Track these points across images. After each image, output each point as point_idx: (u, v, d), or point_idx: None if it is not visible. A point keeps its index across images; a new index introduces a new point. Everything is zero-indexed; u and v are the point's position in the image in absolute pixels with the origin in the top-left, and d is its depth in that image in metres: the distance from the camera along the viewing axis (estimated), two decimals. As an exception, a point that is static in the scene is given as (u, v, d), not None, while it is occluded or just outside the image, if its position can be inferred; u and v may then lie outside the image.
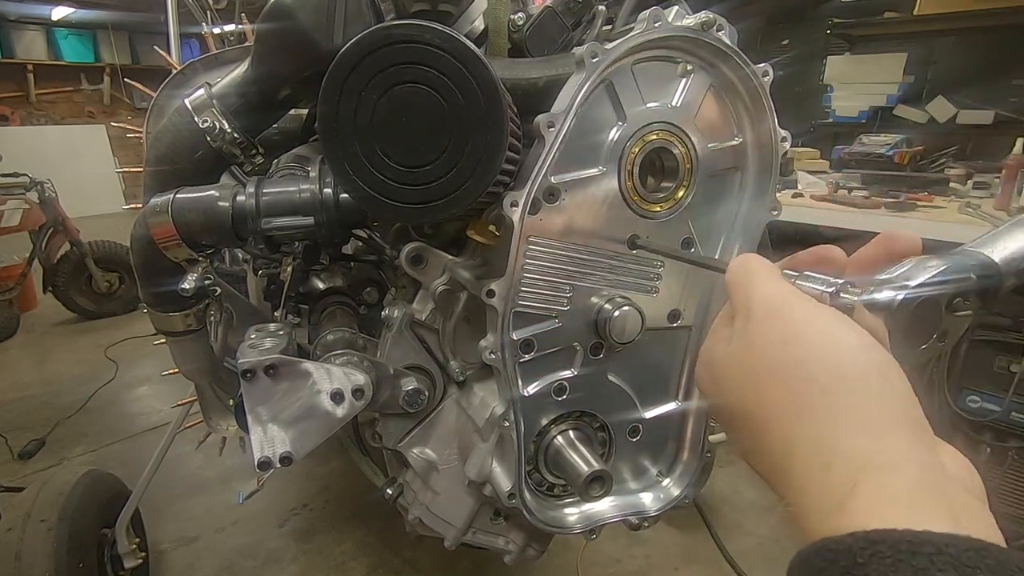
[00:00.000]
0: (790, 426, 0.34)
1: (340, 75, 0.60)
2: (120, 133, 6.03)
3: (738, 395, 0.39)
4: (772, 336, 0.37)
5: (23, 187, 3.51)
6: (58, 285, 3.80)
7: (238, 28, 1.71)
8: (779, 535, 1.90)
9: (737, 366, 0.39)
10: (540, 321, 0.74)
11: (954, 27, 2.83)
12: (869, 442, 0.32)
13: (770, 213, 0.78)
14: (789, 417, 0.35)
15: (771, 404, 0.36)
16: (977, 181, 2.40)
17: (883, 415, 0.32)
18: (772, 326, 0.37)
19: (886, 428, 0.32)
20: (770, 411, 0.36)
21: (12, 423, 2.66)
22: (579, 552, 1.82)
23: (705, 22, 0.68)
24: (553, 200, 0.69)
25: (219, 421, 1.21)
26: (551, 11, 0.79)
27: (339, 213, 0.79)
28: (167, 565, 1.83)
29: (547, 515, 0.83)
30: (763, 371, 0.37)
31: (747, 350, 0.38)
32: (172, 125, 0.83)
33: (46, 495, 1.41)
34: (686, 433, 0.88)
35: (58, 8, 7.00)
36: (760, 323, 0.38)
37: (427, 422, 0.90)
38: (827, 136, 3.22)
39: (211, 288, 0.85)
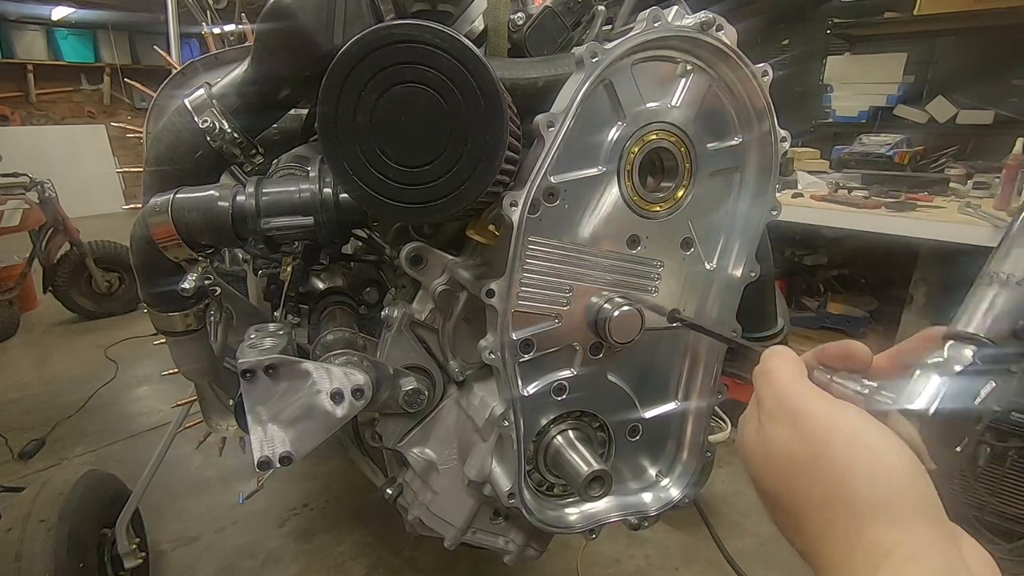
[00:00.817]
0: (820, 515, 0.37)
1: (340, 75, 0.60)
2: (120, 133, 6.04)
3: (772, 482, 0.42)
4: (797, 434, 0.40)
5: (23, 187, 3.51)
6: (58, 285, 3.80)
7: (238, 28, 1.71)
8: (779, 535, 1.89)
9: (768, 456, 0.42)
10: (540, 321, 0.74)
11: (954, 27, 2.83)
12: (892, 532, 0.34)
13: (770, 213, 0.78)
14: (819, 507, 0.38)
15: (803, 494, 0.39)
16: (977, 181, 2.41)
17: (905, 509, 0.35)
18: (802, 424, 0.40)
19: (908, 520, 0.35)
20: (803, 500, 0.39)
21: (12, 423, 2.66)
22: (579, 552, 1.82)
23: (704, 22, 0.68)
24: (553, 200, 0.69)
25: (219, 421, 1.21)
26: (551, 11, 0.79)
27: (339, 213, 0.80)
28: (167, 565, 1.83)
29: (547, 515, 0.83)
30: (796, 463, 0.40)
31: (775, 444, 0.42)
32: (172, 125, 0.83)
33: (46, 495, 1.41)
34: (686, 433, 0.88)
35: (58, 8, 7.00)
36: (787, 422, 0.41)
37: (427, 422, 0.90)
38: (827, 136, 3.22)
39: (211, 288, 0.85)
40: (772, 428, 0.42)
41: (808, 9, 3.45)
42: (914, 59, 2.95)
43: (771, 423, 0.42)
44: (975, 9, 2.61)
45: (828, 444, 0.38)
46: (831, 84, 3.17)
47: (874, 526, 0.35)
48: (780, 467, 0.41)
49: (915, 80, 3.01)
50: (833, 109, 3.17)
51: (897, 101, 3.01)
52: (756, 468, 0.43)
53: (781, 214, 0.78)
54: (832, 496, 0.37)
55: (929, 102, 2.91)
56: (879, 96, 3.03)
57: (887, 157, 2.70)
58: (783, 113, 0.74)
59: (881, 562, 0.34)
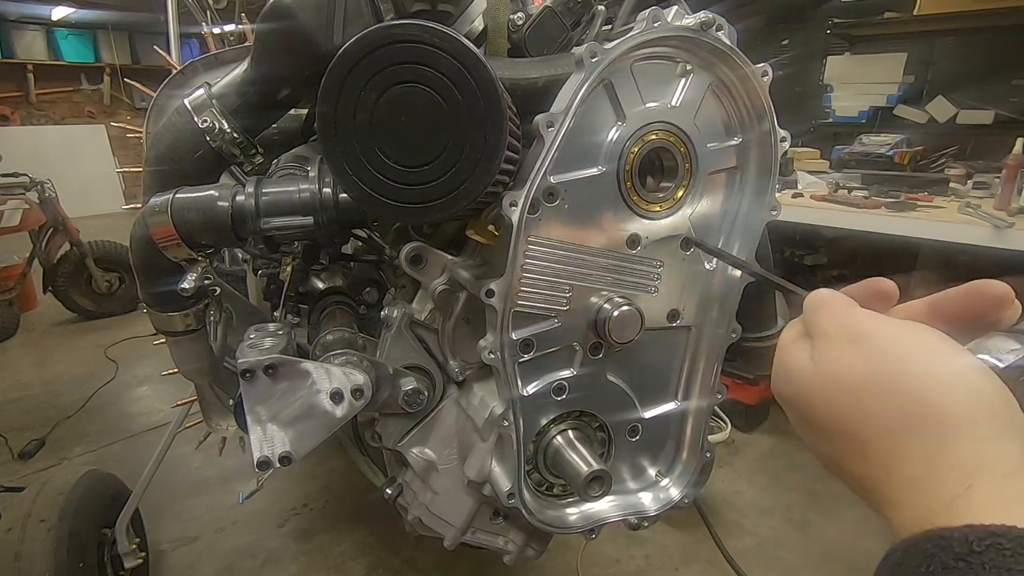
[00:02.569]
0: (897, 430, 0.34)
1: (339, 75, 0.60)
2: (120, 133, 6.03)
3: (835, 407, 0.38)
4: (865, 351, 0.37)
5: (23, 187, 3.51)
6: (58, 285, 3.80)
7: (238, 28, 1.72)
8: (779, 535, 1.90)
9: (829, 379, 0.39)
10: (539, 321, 0.74)
11: (954, 27, 2.83)
12: (985, 447, 0.31)
13: (770, 213, 0.78)
14: (895, 422, 0.34)
15: (874, 413, 0.35)
16: (977, 181, 2.40)
17: (996, 426, 0.32)
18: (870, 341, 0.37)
19: (999, 437, 0.31)
20: (873, 420, 0.35)
21: (12, 423, 2.66)
22: (579, 552, 1.82)
23: (704, 22, 0.68)
24: (552, 200, 0.69)
25: (219, 421, 1.21)
26: (550, 11, 0.79)
27: (338, 213, 0.80)
28: (167, 565, 1.83)
29: (546, 515, 0.83)
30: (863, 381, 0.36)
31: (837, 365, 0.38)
32: (172, 125, 0.83)
33: (46, 495, 1.41)
34: (685, 433, 0.88)
35: (58, 8, 7.00)
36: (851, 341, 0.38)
37: (426, 422, 0.90)
38: (827, 136, 3.22)
39: (211, 288, 0.85)
40: (833, 350, 0.38)
41: (808, 9, 3.45)
42: (914, 59, 2.95)
43: (832, 346, 0.39)
44: (975, 9, 2.61)
45: (903, 359, 0.35)
46: (831, 84, 3.17)
47: (963, 441, 0.31)
48: (844, 388, 0.37)
49: (915, 80, 3.01)
50: (833, 109, 3.17)
51: (897, 101, 3.01)
52: (811, 395, 0.39)
53: (781, 214, 0.78)
54: (910, 412, 0.33)
55: (929, 102, 2.91)
56: (879, 96, 3.03)
57: (887, 157, 2.70)
58: (783, 113, 0.74)
59: (974, 479, 0.30)
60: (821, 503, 2.06)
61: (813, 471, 2.22)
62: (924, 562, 0.28)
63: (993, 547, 0.26)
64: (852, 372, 0.37)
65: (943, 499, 0.31)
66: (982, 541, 0.27)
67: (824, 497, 2.09)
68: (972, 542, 0.27)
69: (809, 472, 2.22)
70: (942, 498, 0.31)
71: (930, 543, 0.29)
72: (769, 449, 2.40)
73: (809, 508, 2.04)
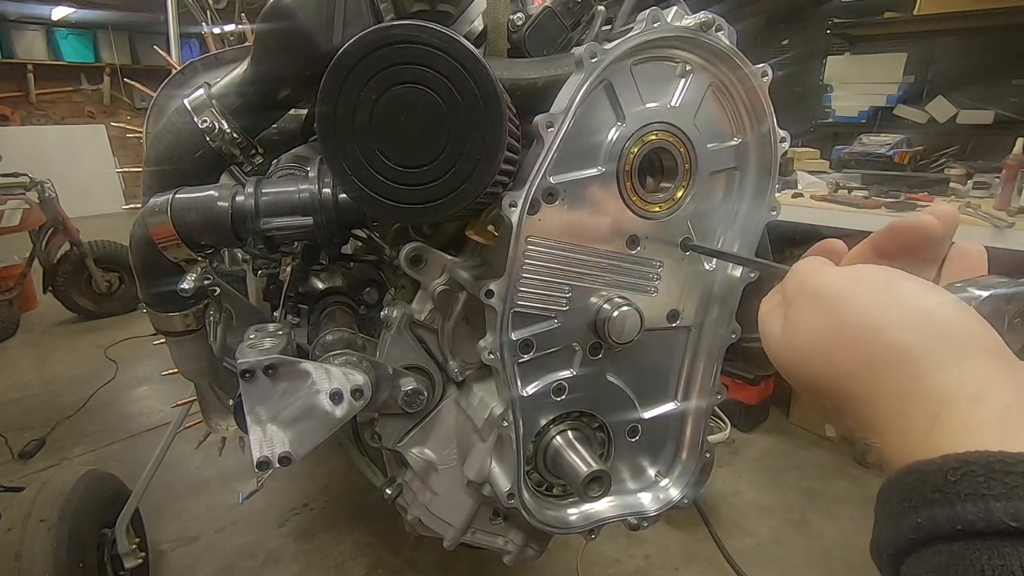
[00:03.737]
0: (866, 379, 0.35)
1: (339, 75, 0.60)
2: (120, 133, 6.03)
3: (808, 368, 0.39)
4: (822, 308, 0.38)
5: (23, 187, 3.51)
6: (58, 285, 3.80)
7: (238, 28, 1.72)
8: (779, 535, 1.90)
9: (797, 342, 0.39)
10: (539, 321, 0.74)
11: (954, 27, 2.83)
12: (951, 375, 0.31)
13: (769, 213, 0.78)
14: (863, 371, 0.35)
15: (841, 366, 0.36)
16: (977, 181, 2.40)
17: (963, 349, 0.32)
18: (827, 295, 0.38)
19: (968, 360, 0.31)
20: (842, 372, 0.36)
21: (12, 423, 2.66)
22: (579, 552, 1.82)
23: (704, 22, 0.68)
24: (552, 200, 0.69)
25: (219, 421, 1.21)
26: (550, 11, 0.79)
27: (338, 213, 0.80)
28: (167, 565, 1.83)
29: (546, 515, 0.83)
30: (827, 337, 0.37)
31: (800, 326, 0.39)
32: (172, 125, 0.83)
33: (46, 495, 1.41)
34: (685, 433, 0.88)
35: (58, 8, 7.00)
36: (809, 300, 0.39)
37: (426, 422, 0.90)
38: (827, 136, 3.22)
39: (210, 288, 0.85)
40: (796, 313, 0.40)
41: (808, 9, 3.45)
42: (914, 59, 2.96)
43: (794, 309, 0.40)
44: (975, 9, 2.61)
45: (854, 303, 0.35)
46: (831, 84, 3.17)
47: (930, 370, 0.31)
48: (811, 348, 0.38)
49: (915, 80, 3.01)
50: (833, 109, 3.18)
51: (897, 101, 3.01)
52: (789, 361, 0.40)
53: (781, 214, 0.78)
54: (871, 355, 0.34)
55: (929, 102, 2.91)
56: (879, 96, 3.03)
57: (887, 157, 2.70)
58: (783, 113, 0.74)
59: (939, 410, 0.30)
60: (820, 503, 2.06)
61: (813, 471, 2.23)
62: (907, 497, 0.29)
63: (967, 475, 0.27)
64: (816, 330, 0.38)
65: (917, 433, 0.31)
66: (956, 471, 0.27)
67: (823, 496, 2.09)
68: (946, 472, 0.28)
69: (809, 472, 2.22)
70: (916, 432, 0.31)
71: (909, 478, 0.29)
72: (769, 449, 2.40)
73: (808, 508, 2.04)
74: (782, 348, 0.41)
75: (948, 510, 0.27)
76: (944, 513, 0.27)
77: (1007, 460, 0.26)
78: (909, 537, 0.28)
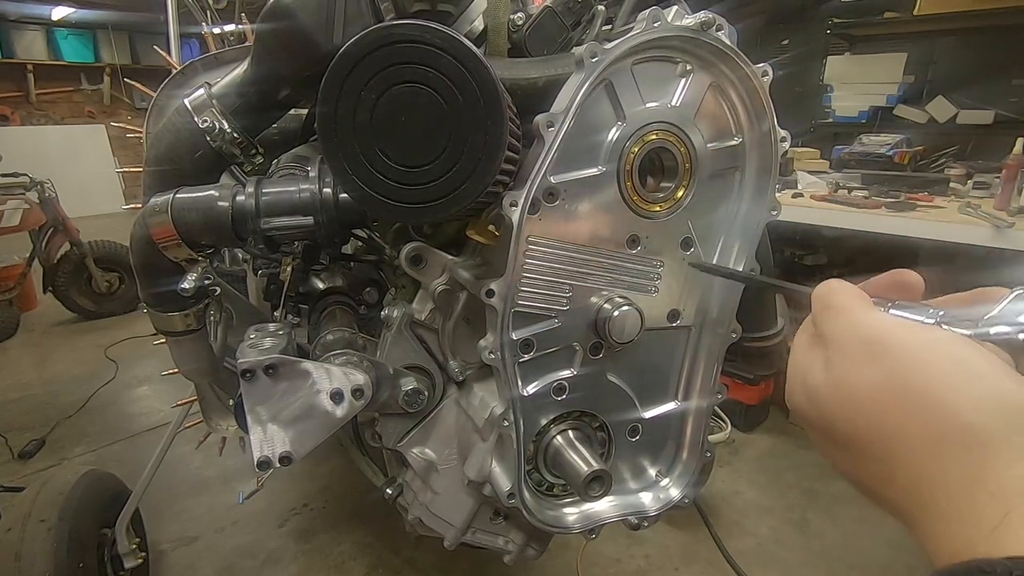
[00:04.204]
0: (925, 453, 0.32)
1: (339, 75, 0.61)
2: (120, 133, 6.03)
3: (854, 425, 0.36)
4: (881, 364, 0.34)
5: (23, 187, 3.51)
6: (58, 285, 3.80)
7: (238, 28, 1.72)
8: (779, 535, 1.90)
9: (846, 396, 0.36)
10: (540, 321, 0.74)
11: (954, 27, 2.83)
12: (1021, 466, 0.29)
13: (770, 213, 0.78)
14: (923, 444, 0.32)
15: (898, 432, 0.33)
16: (977, 181, 2.40)
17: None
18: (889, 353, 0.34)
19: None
20: (897, 440, 0.33)
21: (12, 423, 2.66)
22: (579, 552, 1.82)
23: (704, 22, 0.68)
24: (552, 200, 0.69)
25: (219, 421, 1.21)
26: (550, 11, 0.79)
27: (339, 213, 0.80)
28: (167, 565, 1.83)
29: (546, 515, 0.83)
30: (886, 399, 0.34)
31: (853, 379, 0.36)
32: (172, 125, 0.83)
33: (46, 495, 1.41)
34: (685, 433, 0.88)
35: (58, 8, 7.00)
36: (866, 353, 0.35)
37: (427, 422, 0.90)
38: (827, 136, 3.22)
39: (211, 288, 0.85)
40: (847, 363, 0.36)
41: (808, 9, 3.45)
42: (914, 59, 2.96)
43: (845, 358, 0.36)
44: (975, 9, 2.61)
45: (929, 373, 0.32)
46: (831, 84, 3.17)
47: (1001, 459, 0.29)
48: (866, 406, 0.34)
49: (915, 80, 3.01)
50: (833, 109, 3.18)
51: (897, 101, 3.01)
52: (829, 412, 0.37)
53: (781, 214, 0.78)
54: (940, 433, 0.31)
55: (929, 102, 2.91)
56: (879, 96, 3.03)
57: (887, 157, 2.70)
58: (783, 113, 0.74)
59: (1013, 505, 0.28)
60: (820, 503, 2.06)
61: (813, 471, 2.22)
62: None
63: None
64: (872, 388, 0.34)
65: (982, 528, 0.29)
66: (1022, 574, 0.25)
67: (823, 496, 2.09)
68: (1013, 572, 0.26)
69: (809, 472, 2.22)
70: (981, 527, 0.29)
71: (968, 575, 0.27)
72: (769, 449, 2.40)
73: (808, 508, 2.04)
74: (823, 394, 0.37)
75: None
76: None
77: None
78: None
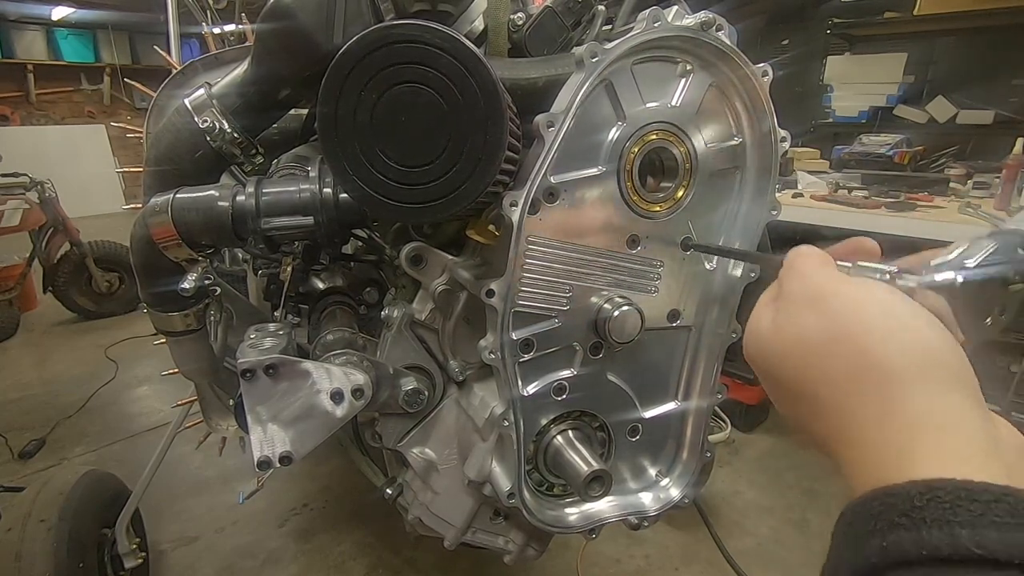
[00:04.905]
0: (847, 390, 0.35)
1: (340, 75, 0.61)
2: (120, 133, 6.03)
3: (788, 367, 0.39)
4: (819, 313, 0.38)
5: (23, 187, 3.51)
6: (58, 285, 3.80)
7: (238, 28, 1.72)
8: (779, 535, 1.90)
9: (784, 341, 0.40)
10: (540, 321, 0.74)
11: (954, 27, 2.83)
12: (926, 402, 0.32)
13: (770, 213, 0.78)
14: (846, 382, 0.35)
15: (827, 372, 0.36)
16: (977, 181, 2.41)
17: (940, 380, 0.33)
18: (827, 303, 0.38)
19: (943, 392, 0.32)
20: (825, 378, 0.37)
21: (12, 423, 2.66)
22: (579, 552, 1.82)
23: (705, 22, 0.68)
24: (552, 200, 0.69)
25: (219, 421, 1.21)
26: (551, 11, 0.79)
27: (339, 213, 0.80)
28: (167, 565, 1.83)
29: (547, 515, 0.83)
30: (818, 343, 0.37)
31: (792, 327, 0.39)
32: (172, 125, 0.83)
33: (46, 495, 1.41)
34: (686, 433, 0.88)
35: (58, 8, 7.00)
36: (808, 303, 0.39)
37: (427, 422, 0.90)
38: (827, 136, 3.22)
39: (211, 288, 0.85)
40: (791, 312, 0.40)
41: (808, 9, 3.45)
42: (914, 59, 2.96)
43: (790, 308, 0.40)
44: (975, 9, 2.61)
45: (855, 318, 0.36)
46: (831, 84, 3.17)
47: (909, 396, 0.32)
48: (798, 349, 0.38)
49: (915, 80, 3.01)
50: (833, 109, 3.18)
51: (897, 101, 3.01)
52: (769, 357, 0.41)
53: (781, 214, 0.78)
54: (860, 368, 0.34)
55: (929, 102, 2.91)
56: (879, 96, 3.03)
57: (887, 157, 2.70)
58: (783, 113, 0.74)
59: (917, 434, 0.31)
60: (820, 503, 2.06)
61: (813, 471, 2.22)
62: (871, 520, 0.29)
63: (933, 501, 0.27)
64: (810, 333, 0.38)
65: (891, 457, 0.32)
66: (922, 496, 0.28)
67: (823, 497, 2.09)
68: (913, 497, 0.28)
69: (809, 472, 2.22)
70: (890, 456, 0.32)
71: (876, 501, 0.30)
72: (769, 449, 2.40)
73: (808, 508, 2.04)
74: (767, 340, 0.41)
75: (914, 535, 0.27)
76: (910, 538, 0.27)
77: (972, 488, 0.27)
78: (872, 561, 0.28)
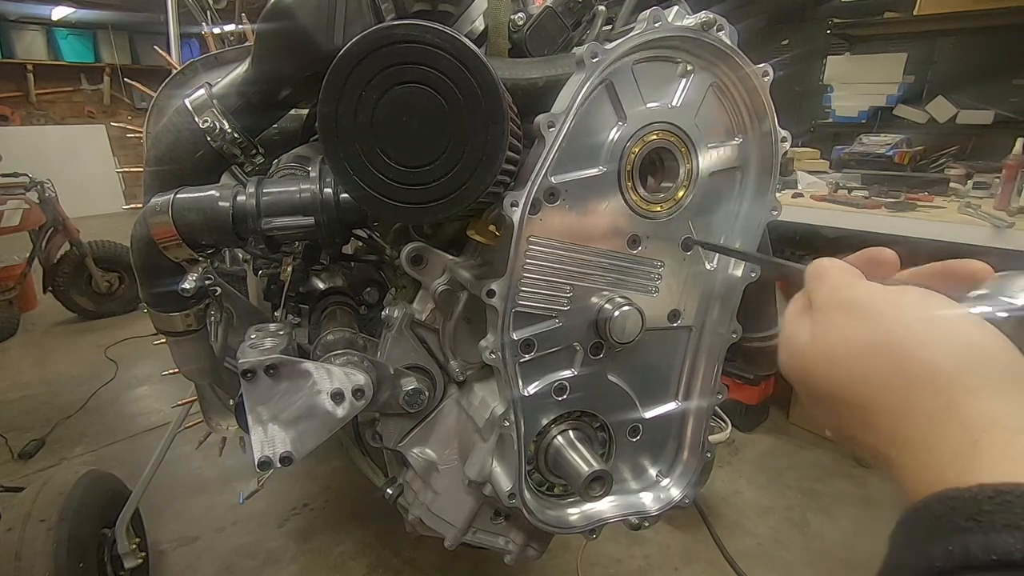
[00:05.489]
0: (899, 395, 0.34)
1: (340, 75, 0.61)
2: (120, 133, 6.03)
3: (834, 378, 0.38)
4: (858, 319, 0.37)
5: (23, 187, 3.51)
6: (58, 285, 3.80)
7: (238, 28, 1.72)
8: (779, 535, 1.90)
9: (827, 352, 0.39)
10: (540, 321, 0.74)
11: (954, 27, 2.83)
12: (990, 404, 0.31)
13: (770, 213, 0.78)
14: (894, 389, 0.34)
15: (873, 379, 0.35)
16: (977, 181, 2.40)
17: (1001, 379, 0.31)
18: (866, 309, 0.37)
19: (1011, 392, 0.31)
20: (874, 386, 0.35)
21: (12, 423, 2.66)
22: (579, 552, 1.82)
23: (705, 22, 0.68)
24: (553, 200, 0.69)
25: (219, 421, 1.21)
26: (551, 11, 0.79)
27: (339, 213, 0.80)
28: (167, 565, 1.83)
29: (547, 515, 0.83)
30: (864, 349, 0.36)
31: (833, 336, 0.38)
32: (172, 125, 0.83)
33: (46, 495, 1.41)
34: (686, 433, 0.88)
35: (58, 8, 7.00)
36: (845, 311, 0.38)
37: (427, 422, 0.90)
38: (827, 136, 3.22)
39: (211, 288, 0.85)
40: (830, 322, 0.39)
41: (808, 9, 3.45)
42: (914, 59, 2.95)
43: (828, 318, 0.39)
44: (975, 9, 2.61)
45: (897, 322, 0.35)
46: (831, 84, 3.16)
47: (967, 398, 0.31)
48: (842, 358, 0.37)
49: (915, 80, 3.01)
50: (833, 109, 3.17)
51: (897, 101, 3.01)
52: (812, 370, 0.39)
53: (781, 214, 0.78)
54: (908, 374, 0.33)
55: (929, 102, 2.90)
56: (879, 96, 3.03)
57: (887, 157, 2.70)
58: (783, 113, 0.74)
59: (979, 436, 0.29)
60: (820, 503, 2.06)
61: (813, 471, 2.23)
62: (935, 523, 0.28)
63: (1003, 505, 0.26)
64: (849, 341, 0.37)
65: (949, 459, 0.30)
66: (991, 500, 0.26)
67: (823, 497, 2.09)
68: (981, 501, 0.27)
69: (809, 472, 2.22)
70: (948, 458, 0.30)
71: (939, 504, 0.29)
72: (769, 449, 2.40)
73: (808, 508, 2.04)
74: (809, 352, 0.40)
75: (983, 539, 0.26)
76: (979, 542, 0.26)
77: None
78: (936, 565, 0.27)
